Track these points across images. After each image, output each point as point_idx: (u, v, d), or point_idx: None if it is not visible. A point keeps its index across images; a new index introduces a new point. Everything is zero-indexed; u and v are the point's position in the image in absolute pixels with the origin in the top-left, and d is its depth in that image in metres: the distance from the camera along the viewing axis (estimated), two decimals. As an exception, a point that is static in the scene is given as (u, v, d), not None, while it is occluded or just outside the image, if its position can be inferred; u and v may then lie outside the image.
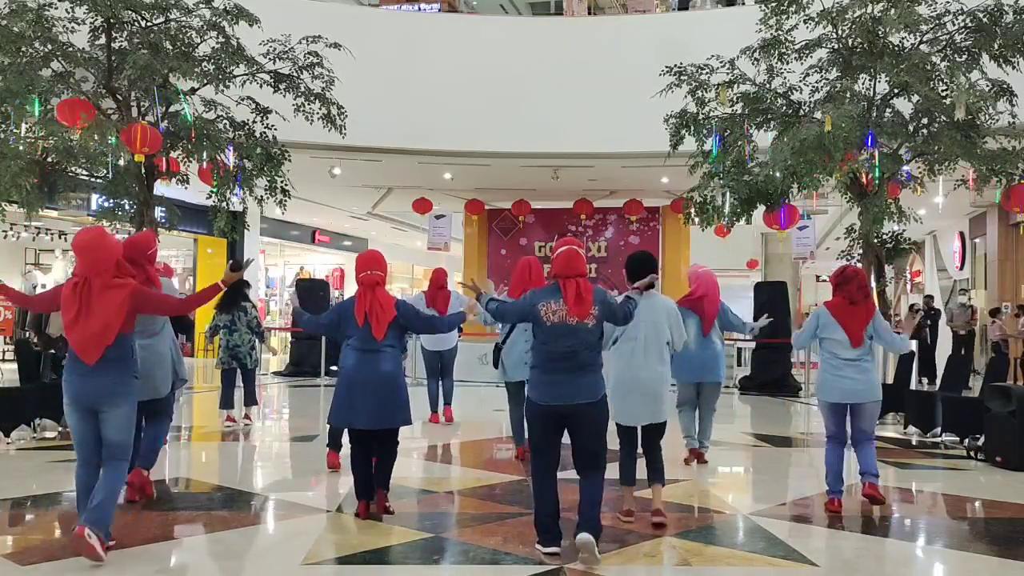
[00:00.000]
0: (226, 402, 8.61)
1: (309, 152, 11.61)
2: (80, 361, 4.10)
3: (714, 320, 6.68)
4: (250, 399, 8.86)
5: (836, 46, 9.21)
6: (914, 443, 8.26)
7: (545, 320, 4.15)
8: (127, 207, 9.30)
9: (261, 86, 9.53)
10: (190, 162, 9.23)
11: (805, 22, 9.06)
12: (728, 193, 9.85)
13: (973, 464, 7.16)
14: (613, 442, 4.64)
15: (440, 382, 8.99)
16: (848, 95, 8.97)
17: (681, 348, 5.11)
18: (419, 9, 14.50)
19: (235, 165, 9.31)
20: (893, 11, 8.33)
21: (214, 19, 8.97)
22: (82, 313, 4.07)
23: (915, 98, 8.80)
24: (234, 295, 8.44)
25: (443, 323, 5.61)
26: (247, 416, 8.85)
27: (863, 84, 9.25)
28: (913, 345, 12.14)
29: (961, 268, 19.21)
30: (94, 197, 11.87)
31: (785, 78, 9.56)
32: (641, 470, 4.98)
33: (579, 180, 14.48)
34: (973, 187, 9.13)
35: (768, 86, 9.62)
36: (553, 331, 4.13)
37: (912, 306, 12.99)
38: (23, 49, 8.47)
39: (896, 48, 8.93)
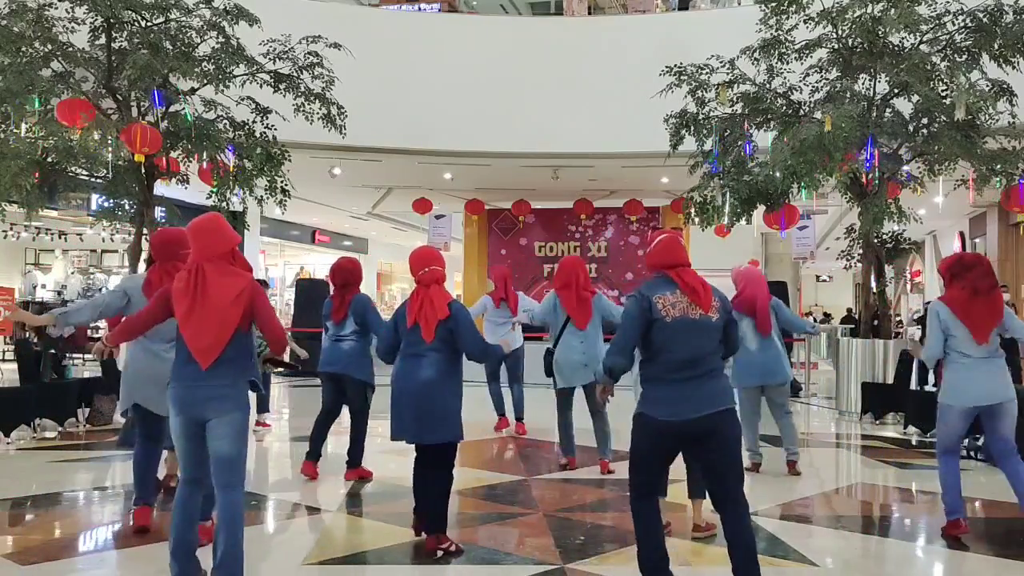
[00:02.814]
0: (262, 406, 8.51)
1: (309, 152, 11.60)
2: (192, 364, 3.51)
3: (769, 319, 6.28)
4: (261, 406, 8.52)
5: (836, 46, 9.21)
6: (914, 443, 8.26)
7: (664, 315, 3.44)
8: (127, 207, 9.29)
9: (261, 86, 9.53)
10: (190, 162, 9.22)
11: (805, 22, 9.06)
12: (728, 193, 9.86)
13: (973, 464, 7.15)
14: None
15: (510, 388, 8.41)
16: (848, 95, 8.98)
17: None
18: (419, 9, 14.50)
19: (235, 165, 9.31)
20: (893, 11, 8.33)
21: (214, 19, 8.96)
22: (197, 305, 3.49)
23: (915, 98, 8.80)
24: None
25: (489, 352, 4.52)
26: (261, 423, 8.50)
27: (863, 84, 9.25)
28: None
29: (961, 268, 19.17)
30: (94, 197, 11.87)
31: (785, 78, 9.56)
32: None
33: (579, 180, 14.48)
34: (973, 187, 9.14)
35: (768, 86, 9.62)
36: (675, 328, 3.43)
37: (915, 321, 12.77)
38: (23, 49, 8.46)
39: (896, 48, 8.93)
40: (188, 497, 3.63)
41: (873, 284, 10.06)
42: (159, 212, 9.74)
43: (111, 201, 9.31)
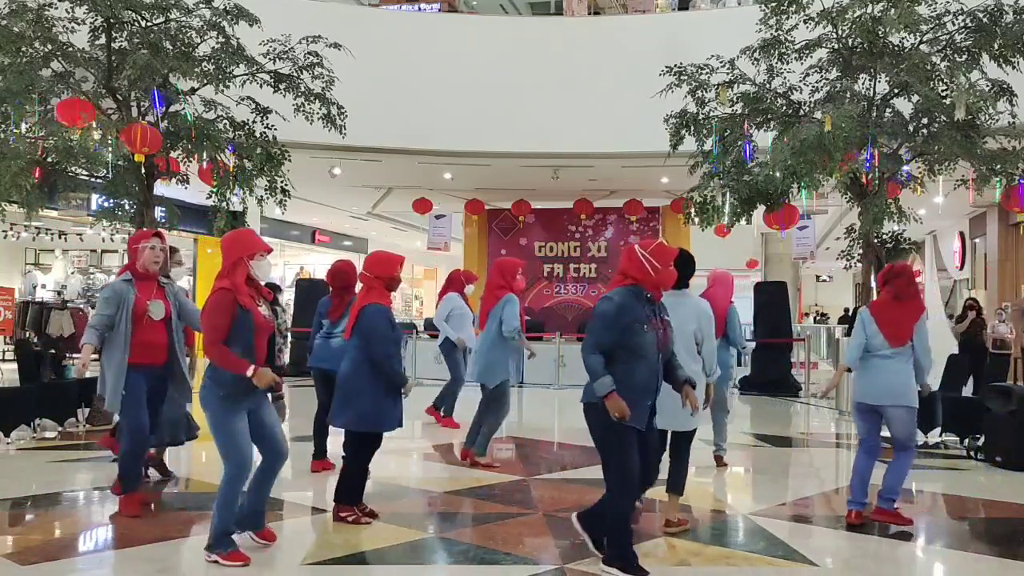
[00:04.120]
0: None
1: (309, 152, 11.60)
2: None
3: (721, 325, 6.39)
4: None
5: (836, 46, 9.22)
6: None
7: None
8: (127, 207, 9.28)
9: (261, 86, 9.52)
10: (190, 162, 9.21)
11: (805, 22, 9.06)
12: (728, 193, 9.86)
13: (973, 464, 7.16)
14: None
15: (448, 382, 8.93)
16: (848, 95, 8.98)
17: (708, 355, 4.78)
18: (419, 9, 14.51)
19: (235, 165, 9.30)
20: (893, 11, 8.33)
21: (214, 19, 8.95)
22: None
23: (915, 98, 8.80)
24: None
25: (387, 363, 4.77)
26: None
27: (863, 84, 9.25)
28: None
29: (961, 268, 19.22)
30: (94, 197, 11.87)
31: (785, 78, 9.56)
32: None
33: (579, 180, 14.48)
34: (973, 187, 9.14)
35: (768, 86, 9.62)
36: None
37: None
38: (23, 49, 8.45)
39: (896, 48, 8.93)
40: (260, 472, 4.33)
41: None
42: (159, 212, 9.72)
43: (111, 201, 9.29)
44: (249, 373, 3.95)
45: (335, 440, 6.45)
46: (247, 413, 4.11)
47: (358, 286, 6.34)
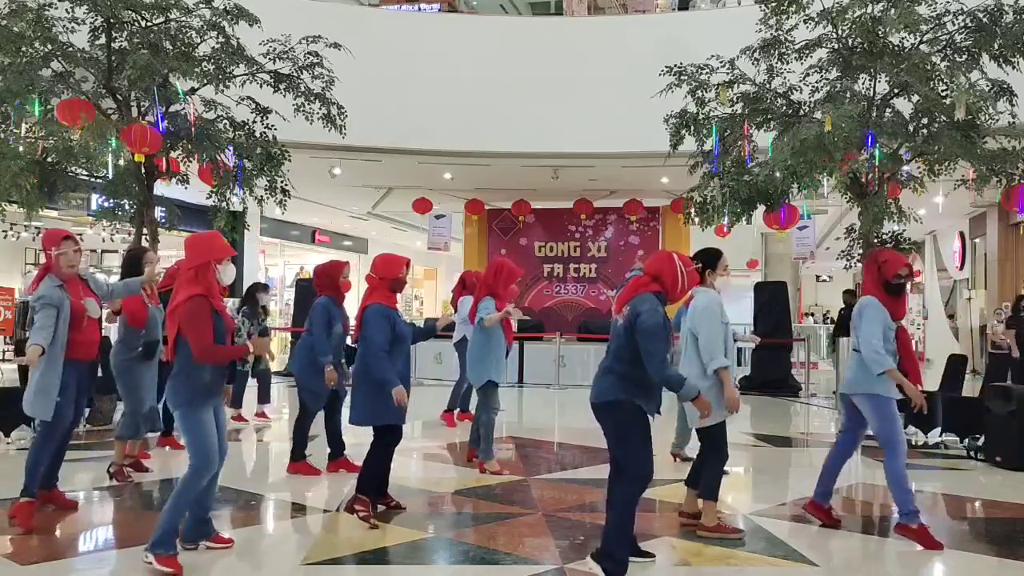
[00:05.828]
0: (235, 401, 8.90)
1: (309, 152, 11.60)
2: None
3: None
4: (260, 397, 9.41)
5: (836, 46, 9.21)
6: (914, 443, 8.26)
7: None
8: (127, 207, 9.29)
9: (261, 86, 9.52)
10: (190, 162, 9.22)
11: (805, 22, 9.06)
12: (728, 193, 9.85)
13: (973, 464, 7.16)
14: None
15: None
16: (848, 95, 8.97)
17: (707, 354, 4.74)
18: (419, 9, 14.52)
19: (235, 165, 9.30)
20: (893, 11, 8.33)
21: (214, 19, 8.95)
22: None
23: (915, 98, 8.79)
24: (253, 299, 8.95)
25: (376, 364, 4.84)
26: (260, 414, 9.33)
27: (863, 84, 9.24)
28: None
29: (961, 268, 19.23)
30: (94, 197, 11.86)
31: (785, 78, 9.56)
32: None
33: (579, 180, 14.48)
34: (973, 187, 9.13)
35: (768, 86, 9.62)
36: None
37: None
38: (23, 49, 8.46)
39: (896, 48, 8.93)
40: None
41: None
42: (159, 212, 9.73)
43: (111, 201, 9.30)
44: (251, 348, 4.34)
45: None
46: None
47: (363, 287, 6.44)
